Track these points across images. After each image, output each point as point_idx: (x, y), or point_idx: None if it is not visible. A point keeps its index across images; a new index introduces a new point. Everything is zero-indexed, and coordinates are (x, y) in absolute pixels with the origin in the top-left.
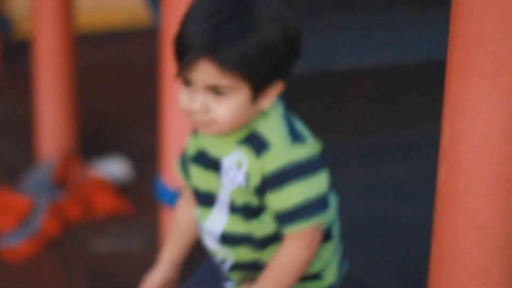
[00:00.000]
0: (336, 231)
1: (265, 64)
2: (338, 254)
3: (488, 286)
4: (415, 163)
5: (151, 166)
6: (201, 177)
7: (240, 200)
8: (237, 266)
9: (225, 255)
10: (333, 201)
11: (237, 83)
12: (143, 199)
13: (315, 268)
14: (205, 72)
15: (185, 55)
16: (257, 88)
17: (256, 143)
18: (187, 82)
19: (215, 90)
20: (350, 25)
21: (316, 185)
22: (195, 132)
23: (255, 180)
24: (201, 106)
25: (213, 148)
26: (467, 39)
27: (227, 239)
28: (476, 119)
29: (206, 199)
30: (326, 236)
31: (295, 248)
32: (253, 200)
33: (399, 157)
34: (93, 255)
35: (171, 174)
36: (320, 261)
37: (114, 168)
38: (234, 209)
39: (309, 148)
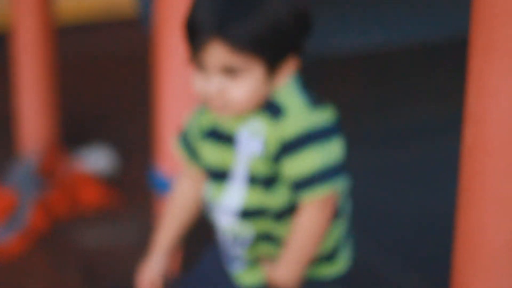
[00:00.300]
0: (347, 210)
1: (276, 40)
2: (349, 239)
3: None
4: (412, 148)
5: (137, 157)
6: (215, 153)
7: (260, 170)
8: (256, 239)
9: (242, 230)
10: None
11: (250, 62)
12: (131, 190)
13: (327, 247)
14: (218, 53)
15: (196, 38)
16: (271, 66)
17: (273, 111)
18: (201, 67)
19: (230, 72)
20: (339, 8)
21: (333, 151)
22: (203, 108)
23: (272, 147)
24: (217, 89)
25: (227, 121)
26: (491, 18)
27: (247, 212)
28: (502, 98)
29: (221, 175)
30: (337, 213)
31: (312, 215)
32: (270, 168)
33: (396, 142)
34: (84, 249)
35: (167, 163)
36: (332, 240)
37: (98, 159)
38: (253, 181)
39: (326, 115)
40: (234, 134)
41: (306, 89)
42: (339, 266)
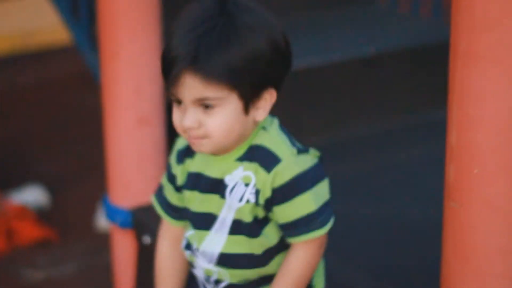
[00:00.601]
0: None
1: (250, 73)
2: (323, 260)
3: (506, 268)
4: (388, 155)
5: (68, 192)
6: (198, 201)
7: (247, 217)
8: (232, 286)
9: (221, 276)
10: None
11: (224, 93)
12: (67, 225)
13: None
14: (191, 86)
15: (170, 72)
16: (247, 98)
17: (264, 158)
18: (177, 101)
19: (204, 104)
20: (311, 24)
21: (323, 191)
22: (180, 159)
23: (265, 195)
24: (193, 122)
25: (212, 169)
26: (471, 24)
27: (225, 259)
28: (487, 103)
29: (203, 222)
30: None
31: (307, 255)
32: (260, 214)
33: (373, 149)
34: (24, 284)
35: (119, 194)
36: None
37: (31, 196)
38: (237, 228)
39: (312, 157)
40: (222, 181)
41: (285, 130)
42: None
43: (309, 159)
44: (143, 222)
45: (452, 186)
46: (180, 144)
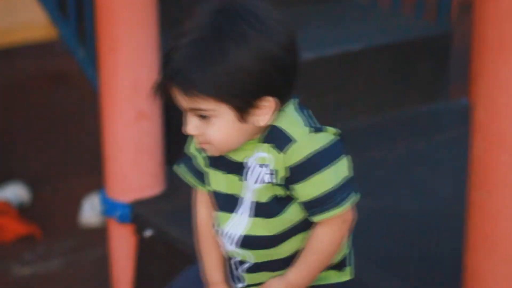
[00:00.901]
0: None
1: (235, 86)
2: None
3: None
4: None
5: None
6: (223, 181)
7: (265, 197)
8: (256, 267)
9: (245, 257)
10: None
11: (213, 106)
12: (50, 221)
13: (340, 257)
14: (180, 97)
15: (163, 83)
16: (239, 109)
17: (278, 139)
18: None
19: (200, 114)
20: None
21: (342, 169)
22: None
23: (281, 174)
24: (193, 129)
25: (233, 152)
26: (499, 15)
27: (247, 242)
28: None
29: (228, 203)
30: None
31: (330, 232)
32: (279, 193)
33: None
34: (12, 279)
35: (117, 189)
36: (344, 249)
37: (12, 193)
38: (257, 209)
39: (329, 134)
40: (242, 163)
41: (304, 111)
42: (347, 273)
43: (325, 137)
44: (143, 216)
45: (478, 176)
46: None
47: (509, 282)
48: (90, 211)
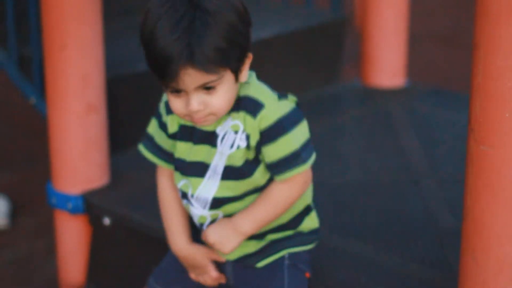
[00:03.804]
0: None
1: (235, 47)
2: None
3: None
4: None
5: None
6: (190, 151)
7: (239, 161)
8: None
9: (213, 217)
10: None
11: (221, 74)
12: None
13: (307, 203)
14: (192, 77)
15: (164, 68)
16: (237, 69)
17: (249, 106)
18: (175, 91)
19: (206, 87)
20: None
21: (304, 131)
22: (169, 110)
23: (255, 138)
24: (199, 105)
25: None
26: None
27: (218, 203)
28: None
29: (196, 170)
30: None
31: (291, 189)
32: (250, 156)
33: None
34: None
35: (66, 181)
36: (308, 198)
37: None
38: (228, 173)
39: (291, 101)
40: (214, 133)
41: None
42: (315, 220)
43: (289, 104)
44: (97, 206)
45: (481, 131)
46: (166, 96)
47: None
48: None
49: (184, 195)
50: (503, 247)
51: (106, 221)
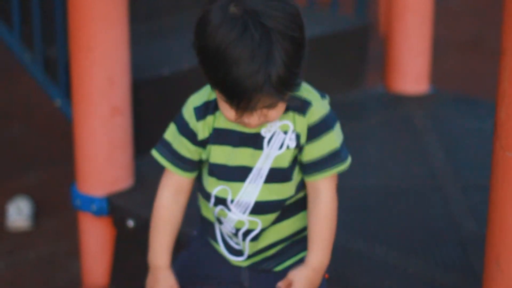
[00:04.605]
0: None
1: (301, 67)
2: None
3: None
4: None
5: None
6: (230, 155)
7: (286, 162)
8: (261, 233)
9: (252, 225)
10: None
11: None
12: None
13: None
14: (262, 101)
15: (238, 94)
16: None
17: (297, 105)
18: (239, 110)
19: (272, 107)
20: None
21: (340, 131)
22: (200, 115)
23: (304, 136)
24: (259, 119)
25: (242, 126)
26: None
27: (260, 207)
28: None
29: (238, 175)
30: None
31: (332, 190)
32: (293, 160)
33: None
34: None
35: (91, 183)
36: None
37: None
38: (273, 176)
39: (328, 100)
40: (258, 135)
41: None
42: None
43: (327, 103)
44: (122, 208)
45: (507, 137)
46: (196, 102)
47: None
48: (17, 214)
49: (220, 201)
50: None
51: (130, 223)
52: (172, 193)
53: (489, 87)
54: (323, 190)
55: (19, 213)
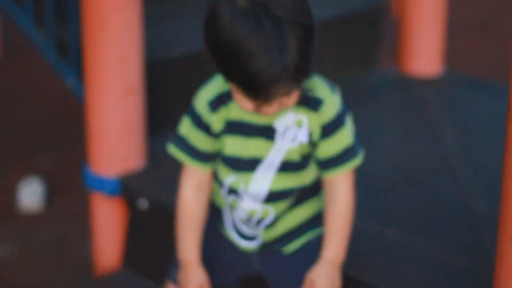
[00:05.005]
0: None
1: (313, 52)
2: None
3: None
4: None
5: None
6: (242, 145)
7: (297, 156)
8: (275, 221)
9: (265, 213)
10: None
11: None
12: None
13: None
14: (284, 91)
15: (255, 87)
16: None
17: (310, 101)
18: (257, 100)
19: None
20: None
21: (351, 124)
22: (214, 107)
23: (317, 133)
24: (277, 107)
25: (256, 117)
26: None
27: (273, 196)
28: None
29: (249, 165)
30: None
31: (349, 185)
32: (306, 151)
33: None
34: None
35: (104, 163)
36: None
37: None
38: (286, 167)
39: (339, 95)
40: (271, 127)
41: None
42: None
43: (339, 97)
44: (135, 189)
45: None
46: (208, 94)
47: None
48: (29, 196)
49: (233, 191)
50: None
51: (143, 204)
52: (194, 188)
53: (502, 69)
54: (340, 186)
55: (32, 195)
